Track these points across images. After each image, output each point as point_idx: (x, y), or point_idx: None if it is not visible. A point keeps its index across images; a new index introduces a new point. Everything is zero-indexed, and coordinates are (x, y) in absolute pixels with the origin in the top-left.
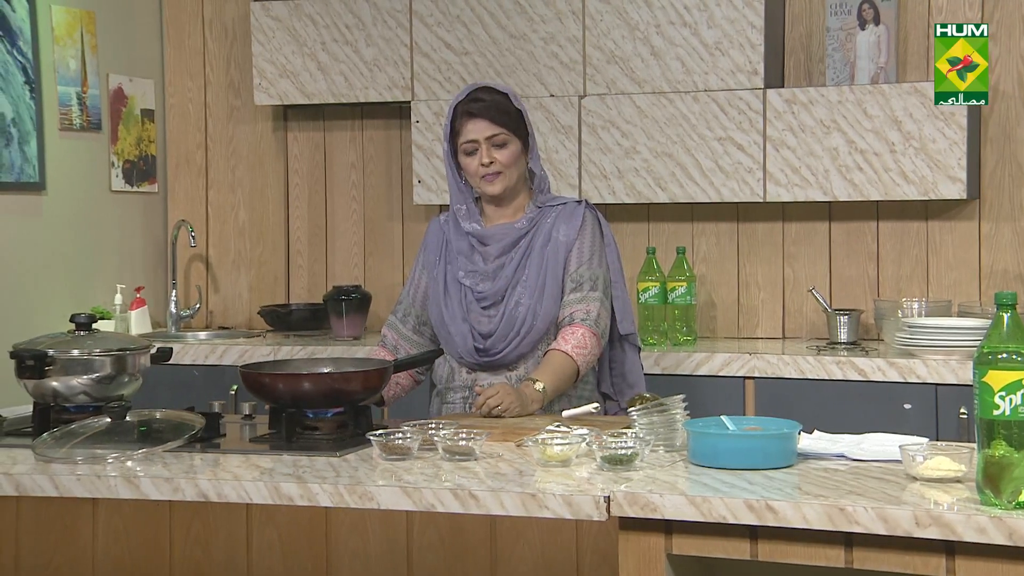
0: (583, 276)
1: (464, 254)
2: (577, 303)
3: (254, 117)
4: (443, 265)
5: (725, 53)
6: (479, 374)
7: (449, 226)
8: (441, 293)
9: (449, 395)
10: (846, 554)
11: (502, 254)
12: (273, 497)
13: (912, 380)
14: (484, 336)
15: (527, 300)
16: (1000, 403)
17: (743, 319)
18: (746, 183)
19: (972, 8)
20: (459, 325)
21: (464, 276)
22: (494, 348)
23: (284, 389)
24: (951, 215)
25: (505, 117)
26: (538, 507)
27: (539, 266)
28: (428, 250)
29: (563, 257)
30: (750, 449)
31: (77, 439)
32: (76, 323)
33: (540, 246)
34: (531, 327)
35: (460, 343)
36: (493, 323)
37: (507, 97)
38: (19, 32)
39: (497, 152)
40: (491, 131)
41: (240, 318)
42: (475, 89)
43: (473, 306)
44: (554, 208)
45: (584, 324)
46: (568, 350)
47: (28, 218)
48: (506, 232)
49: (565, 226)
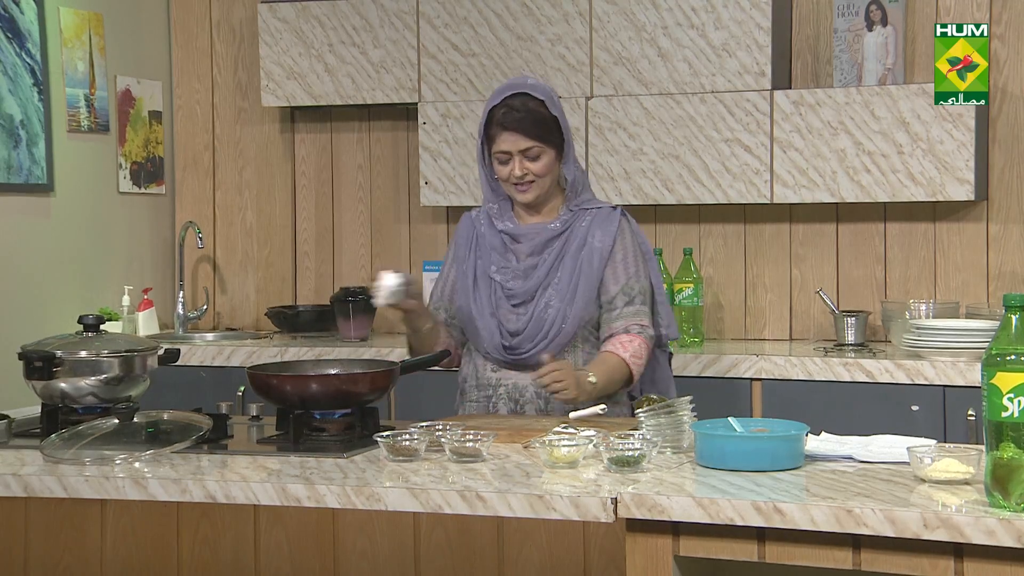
0: (634, 289)
1: (497, 250)
2: (632, 316)
3: (261, 119)
4: (473, 259)
5: (732, 54)
6: (503, 372)
7: (481, 222)
8: (470, 287)
9: (472, 393)
10: (854, 556)
11: (534, 253)
12: (280, 498)
13: (920, 382)
14: (512, 334)
15: (557, 303)
16: (1008, 405)
17: (750, 320)
18: (753, 184)
19: (980, 9)
20: (487, 319)
21: (496, 272)
22: (521, 347)
23: (291, 390)
24: (959, 217)
25: (539, 128)
26: (545, 508)
27: (572, 270)
28: (458, 245)
29: (598, 263)
30: (757, 451)
31: (85, 440)
32: (84, 324)
33: (575, 250)
34: (560, 330)
35: (487, 337)
36: (521, 321)
37: (543, 104)
38: (27, 34)
39: (531, 164)
40: (525, 144)
41: (247, 319)
42: (511, 95)
43: (502, 302)
44: (588, 212)
45: (640, 335)
46: (627, 358)
47: (36, 219)
48: (539, 232)
49: (600, 232)
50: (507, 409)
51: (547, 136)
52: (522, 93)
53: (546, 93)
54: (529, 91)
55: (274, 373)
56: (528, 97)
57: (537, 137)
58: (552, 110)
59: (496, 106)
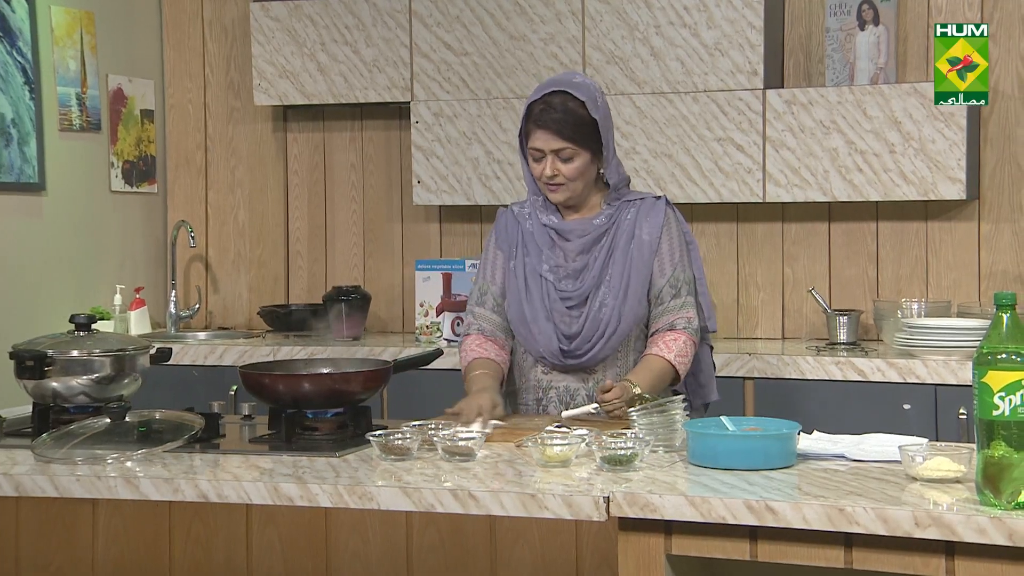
0: (679, 280)
1: (545, 246)
2: (678, 310)
3: (254, 117)
4: (521, 257)
5: (725, 54)
6: (555, 375)
7: (525, 216)
8: (522, 288)
9: (522, 395)
10: (846, 554)
11: (583, 251)
12: (273, 498)
13: (912, 380)
14: (569, 337)
15: (612, 301)
16: (999, 403)
17: (743, 319)
18: (746, 184)
19: (972, 8)
20: (543, 324)
21: (549, 271)
22: (579, 350)
23: (284, 390)
24: (951, 216)
25: (574, 130)
26: (538, 508)
27: (623, 265)
28: (500, 238)
29: (648, 256)
30: (750, 450)
31: (77, 440)
32: (76, 323)
33: (624, 244)
34: (616, 329)
35: (544, 343)
36: (578, 324)
37: (583, 104)
38: (19, 33)
39: (562, 165)
40: (557, 144)
41: (240, 318)
42: (551, 92)
43: (557, 305)
44: (632, 203)
45: (685, 331)
46: (671, 359)
47: (28, 219)
48: (585, 228)
49: (648, 224)
50: (558, 412)
51: (582, 139)
52: (563, 91)
53: (589, 94)
54: (572, 90)
55: (266, 372)
56: (569, 96)
57: (571, 139)
58: (593, 112)
59: (535, 101)
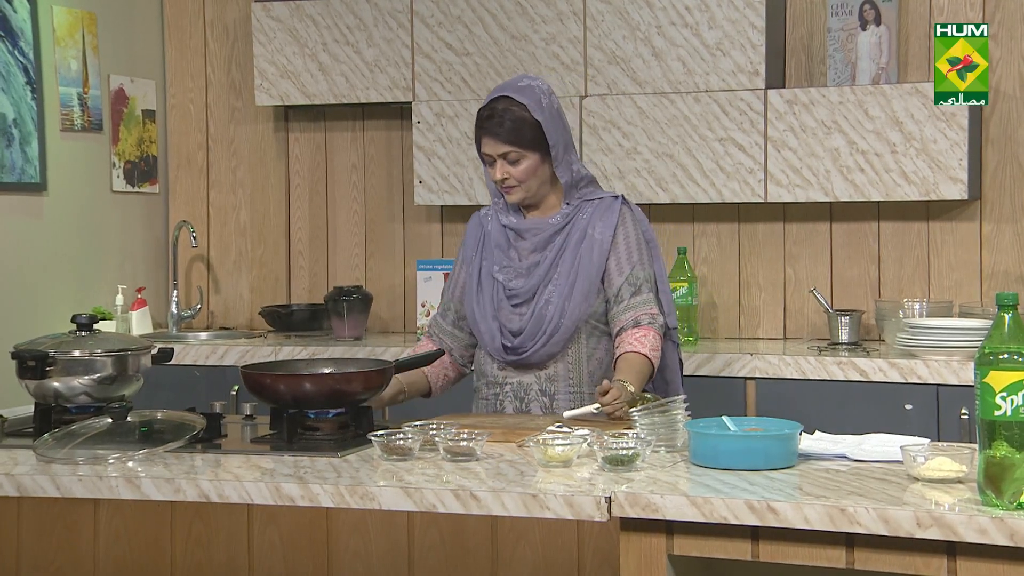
0: (639, 278)
1: (501, 248)
2: (640, 306)
3: (255, 118)
4: (479, 260)
5: (726, 54)
6: (508, 371)
7: (489, 219)
8: (475, 288)
9: (483, 391)
10: (847, 555)
11: (536, 250)
12: (274, 498)
13: (913, 381)
14: (513, 334)
15: (556, 298)
16: (1001, 404)
17: (744, 320)
18: (747, 184)
19: (973, 8)
20: (488, 323)
21: (499, 271)
22: (522, 347)
23: (285, 390)
24: (952, 216)
25: (517, 135)
26: (539, 508)
27: (572, 263)
28: (466, 245)
29: (598, 255)
30: (751, 450)
31: (78, 440)
32: (77, 324)
33: (575, 243)
34: (558, 326)
35: (488, 341)
36: (523, 321)
37: (526, 108)
38: (20, 33)
39: (511, 167)
40: (503, 149)
41: (241, 319)
42: (496, 98)
43: (504, 303)
44: (590, 203)
45: (651, 327)
46: (647, 353)
47: (29, 219)
48: (541, 228)
49: (601, 223)
50: (512, 407)
51: (526, 141)
52: (506, 97)
53: (533, 96)
54: (515, 95)
55: (268, 372)
56: (511, 101)
57: (514, 142)
58: (536, 115)
59: (482, 108)
